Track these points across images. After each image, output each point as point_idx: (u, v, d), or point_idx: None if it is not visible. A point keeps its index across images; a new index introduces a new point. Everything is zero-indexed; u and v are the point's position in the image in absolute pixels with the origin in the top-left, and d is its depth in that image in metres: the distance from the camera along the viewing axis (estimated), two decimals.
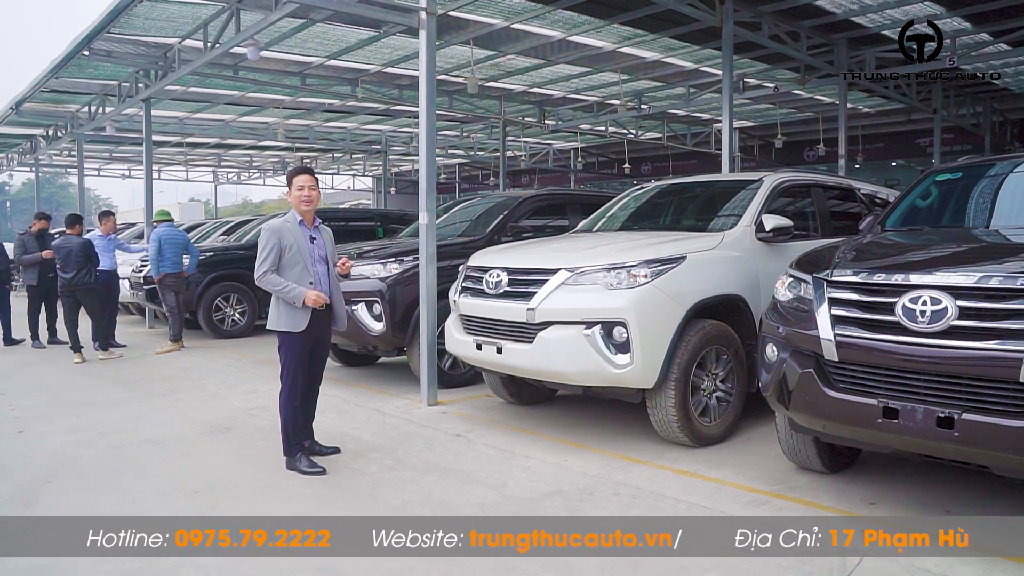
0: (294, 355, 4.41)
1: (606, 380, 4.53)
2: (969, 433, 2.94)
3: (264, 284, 4.32)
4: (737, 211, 5.42)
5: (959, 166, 4.93)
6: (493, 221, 7.12)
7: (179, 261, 9.15)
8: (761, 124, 19.17)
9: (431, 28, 5.99)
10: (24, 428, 5.57)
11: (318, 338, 4.52)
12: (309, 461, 4.44)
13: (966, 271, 3.15)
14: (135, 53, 10.60)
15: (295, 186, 4.41)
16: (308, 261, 4.36)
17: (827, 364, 3.41)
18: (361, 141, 21.87)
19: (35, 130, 17.84)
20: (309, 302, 4.29)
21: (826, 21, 10.15)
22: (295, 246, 4.34)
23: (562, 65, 12.52)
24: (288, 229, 4.36)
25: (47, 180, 42.52)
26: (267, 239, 4.31)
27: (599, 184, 25.96)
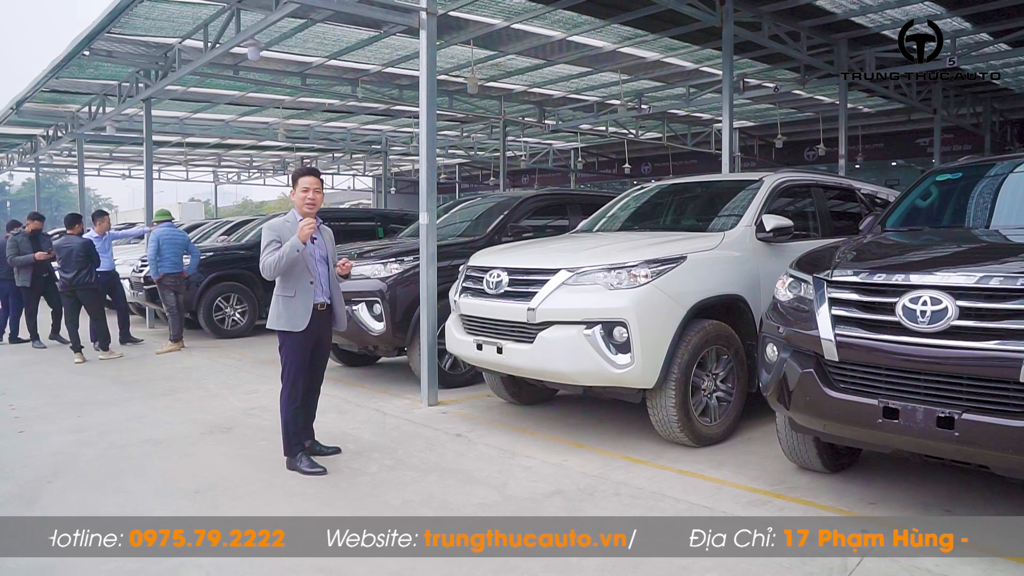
0: (295, 356, 4.41)
1: (606, 380, 4.53)
2: (969, 433, 2.94)
3: (267, 268, 4.27)
4: (737, 211, 5.43)
5: (959, 166, 4.93)
6: (493, 221, 7.12)
7: (178, 261, 9.15)
8: (761, 124, 19.17)
9: (431, 28, 5.99)
10: (25, 428, 5.57)
11: (318, 338, 4.52)
12: (310, 461, 4.44)
13: (966, 271, 3.15)
14: (135, 53, 10.60)
15: (300, 187, 4.39)
16: (309, 261, 4.36)
17: (827, 364, 3.42)
18: (361, 141, 21.88)
19: (35, 130, 17.84)
20: (303, 236, 4.20)
21: (826, 21, 10.15)
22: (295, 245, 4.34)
23: (562, 65, 12.53)
24: (288, 228, 4.35)
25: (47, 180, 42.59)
26: (268, 237, 4.32)
27: (599, 184, 25.95)
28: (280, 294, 4.38)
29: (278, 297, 4.38)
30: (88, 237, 9.53)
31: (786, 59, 11.43)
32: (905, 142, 19.07)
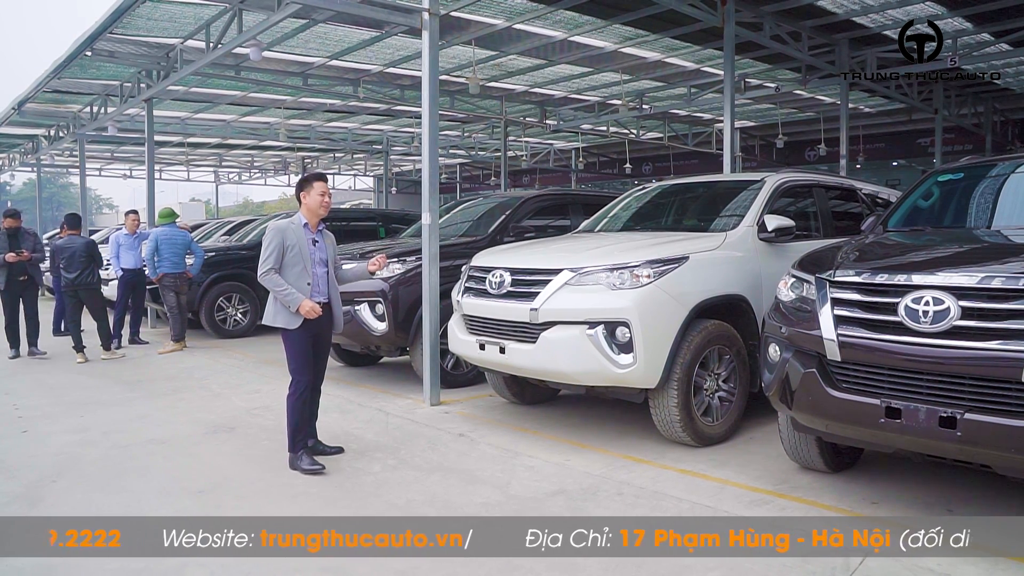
0: (297, 350, 4.50)
1: (609, 380, 4.54)
2: (972, 433, 2.95)
3: (266, 282, 4.41)
4: (739, 211, 5.43)
5: (961, 166, 4.93)
6: (495, 221, 7.13)
7: (179, 261, 9.15)
8: (762, 124, 19.16)
9: (433, 29, 6.00)
10: (28, 428, 5.58)
11: (317, 335, 4.58)
12: (310, 459, 4.48)
13: (968, 271, 3.16)
14: (137, 53, 10.61)
15: (316, 191, 4.53)
16: (308, 263, 4.46)
17: (830, 364, 3.42)
18: (363, 141, 21.88)
19: (37, 130, 17.85)
20: (303, 311, 4.37)
21: (827, 21, 10.15)
22: (297, 247, 4.44)
23: (563, 65, 12.53)
24: (292, 230, 4.47)
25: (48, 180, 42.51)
26: (271, 238, 4.42)
27: (600, 184, 25.95)
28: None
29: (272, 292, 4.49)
30: (119, 235, 9.71)
31: (787, 59, 11.43)
32: (906, 142, 19.07)
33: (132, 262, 9.64)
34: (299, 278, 4.43)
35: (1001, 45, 10.83)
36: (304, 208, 4.56)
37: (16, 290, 8.68)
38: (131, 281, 9.71)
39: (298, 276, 4.43)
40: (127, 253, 9.65)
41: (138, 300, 9.91)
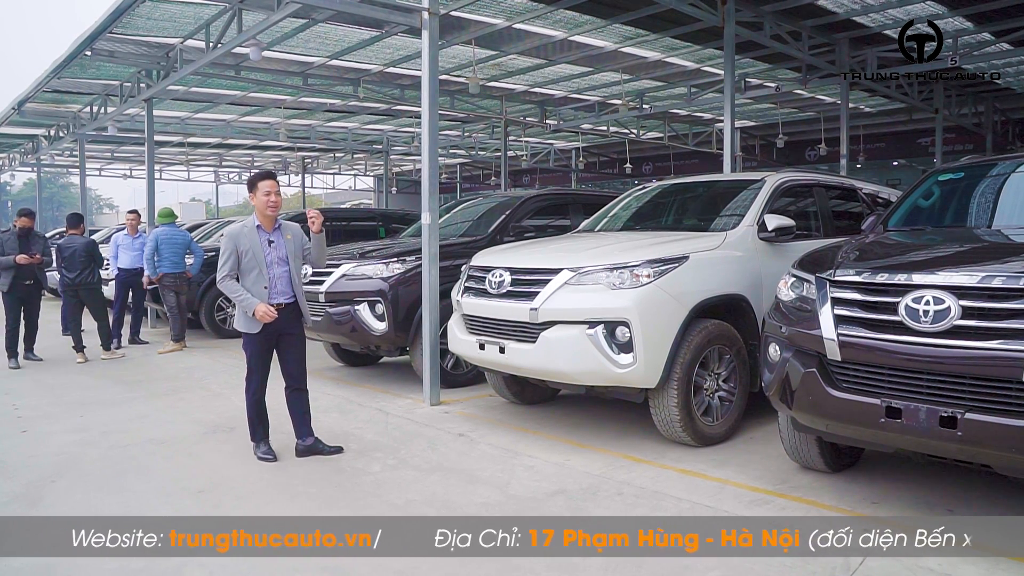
0: (252, 353, 4.62)
1: (609, 380, 4.54)
2: (972, 433, 2.94)
3: (223, 289, 4.54)
4: (739, 211, 5.43)
5: (961, 166, 4.92)
6: (495, 221, 7.12)
7: (179, 261, 9.15)
8: (763, 124, 19.16)
9: (433, 28, 5.99)
10: (28, 428, 5.57)
11: (281, 334, 4.64)
12: (264, 449, 4.68)
13: (969, 271, 3.15)
14: (137, 53, 10.60)
15: (261, 191, 4.51)
16: (263, 266, 4.50)
17: (830, 364, 3.42)
18: (363, 141, 21.89)
19: (37, 130, 17.86)
20: (258, 315, 4.44)
21: (828, 21, 10.15)
22: (251, 252, 4.49)
23: (564, 65, 12.53)
24: (245, 235, 4.50)
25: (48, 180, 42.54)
26: (224, 245, 4.50)
27: (600, 184, 25.96)
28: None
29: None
30: (120, 236, 9.70)
31: (787, 59, 11.43)
32: (906, 142, 19.06)
33: (129, 262, 9.64)
34: (256, 283, 4.50)
35: (1001, 45, 10.83)
36: (255, 209, 4.58)
37: (20, 294, 8.33)
38: (128, 281, 9.70)
39: (255, 281, 4.50)
40: (125, 253, 9.66)
41: (137, 300, 9.90)
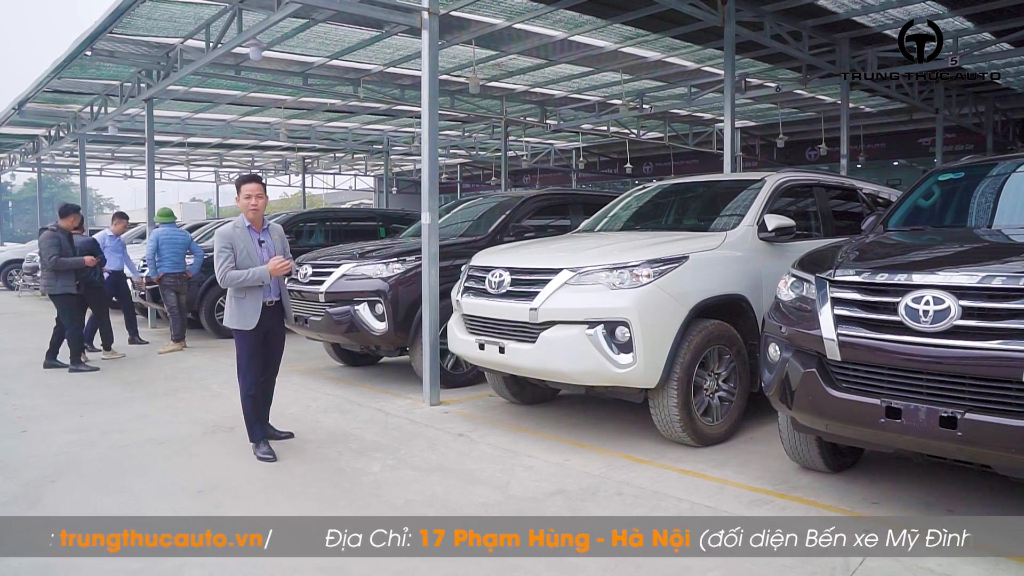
0: (245, 349, 4.72)
1: (609, 380, 4.53)
2: (972, 433, 2.94)
3: (227, 281, 4.59)
4: (739, 211, 5.42)
5: (961, 166, 4.92)
6: (495, 221, 7.12)
7: (179, 261, 9.15)
8: (763, 124, 19.16)
9: (433, 28, 5.99)
10: (28, 427, 5.57)
11: (267, 332, 4.79)
12: (264, 449, 4.71)
13: (969, 271, 3.15)
14: (137, 53, 10.61)
15: (243, 194, 4.68)
16: (257, 264, 4.65)
17: (830, 364, 3.41)
18: (363, 141, 21.88)
19: (37, 130, 17.86)
20: (274, 270, 4.58)
21: (828, 21, 10.14)
22: (245, 250, 4.63)
23: (564, 65, 12.52)
24: (238, 234, 4.65)
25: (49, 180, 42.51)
26: (220, 244, 4.60)
27: (601, 184, 25.94)
28: (233, 295, 4.70)
29: (231, 298, 4.71)
30: (102, 235, 9.58)
31: (788, 59, 11.42)
32: (907, 142, 19.05)
33: (115, 264, 9.47)
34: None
35: (1002, 45, 10.82)
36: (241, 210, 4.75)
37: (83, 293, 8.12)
38: (113, 283, 9.50)
39: None
40: (111, 255, 9.44)
41: (124, 301, 9.79)
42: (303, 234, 11.16)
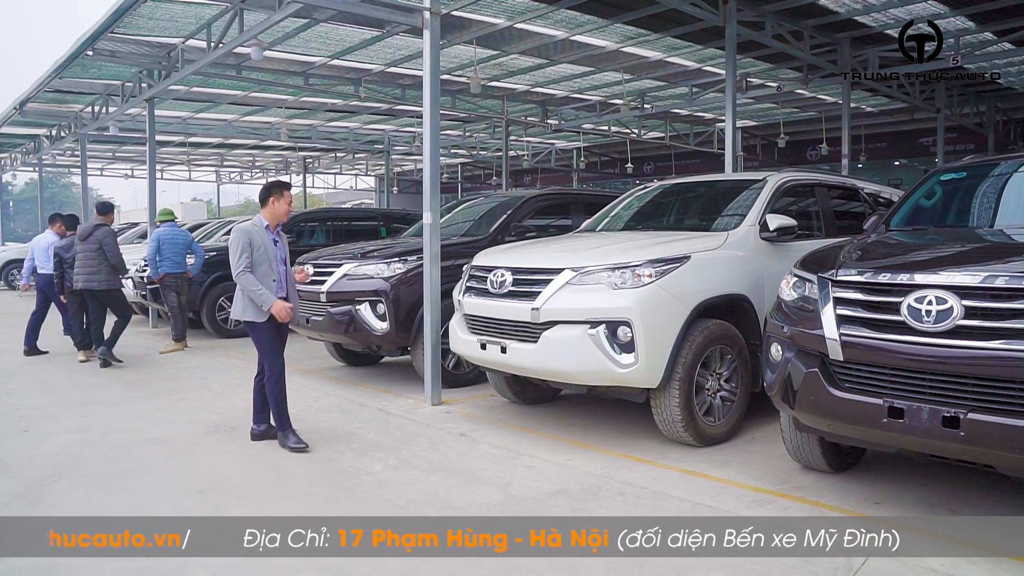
0: (269, 339, 4.90)
1: (611, 380, 4.53)
2: (975, 433, 2.93)
3: (241, 282, 4.78)
4: (741, 211, 5.42)
5: (963, 166, 4.92)
6: (497, 221, 7.11)
7: (180, 261, 9.15)
8: (764, 123, 19.15)
9: (435, 28, 5.99)
10: (29, 427, 5.57)
11: (279, 325, 4.96)
12: (296, 437, 4.86)
13: (971, 271, 3.14)
14: (139, 53, 10.61)
15: (285, 200, 5.00)
16: (273, 261, 4.90)
17: (832, 364, 3.41)
18: (364, 141, 21.88)
19: (38, 130, 17.87)
20: (275, 311, 4.77)
21: (829, 20, 10.13)
22: (262, 247, 4.85)
23: (565, 65, 12.52)
24: (256, 232, 4.87)
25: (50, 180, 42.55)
26: (239, 239, 4.79)
27: (602, 184, 25.93)
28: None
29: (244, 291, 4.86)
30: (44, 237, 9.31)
31: (789, 58, 11.42)
32: (908, 141, 19.04)
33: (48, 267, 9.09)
34: (266, 275, 4.84)
35: (1003, 44, 10.80)
36: (268, 212, 4.96)
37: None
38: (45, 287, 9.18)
39: (264, 273, 4.84)
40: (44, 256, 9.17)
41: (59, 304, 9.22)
42: (304, 234, 11.17)
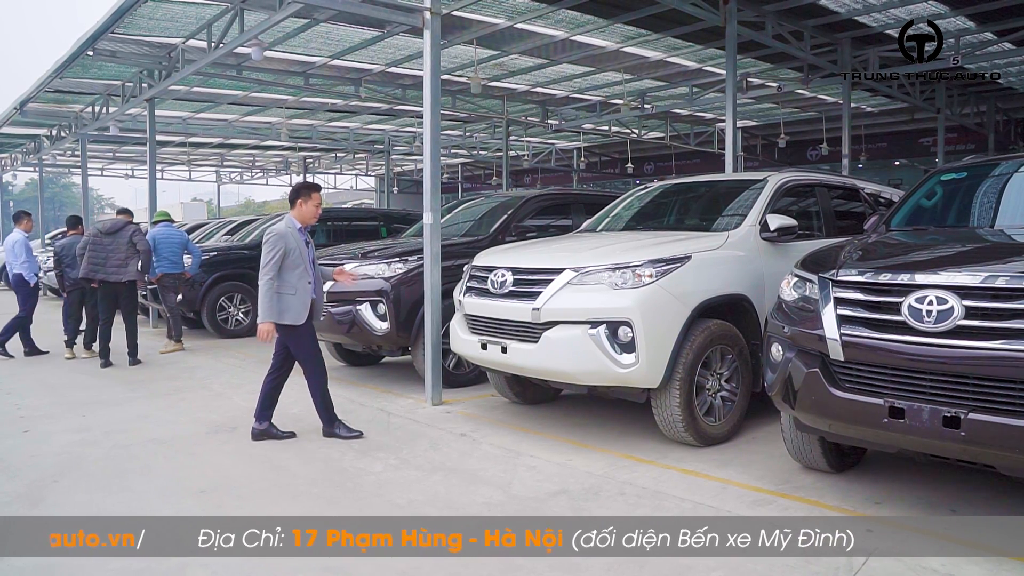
0: (309, 343, 5.05)
1: (611, 380, 4.53)
2: (975, 433, 2.93)
3: (263, 284, 4.80)
4: (741, 211, 5.42)
5: (964, 166, 4.92)
6: (497, 221, 7.12)
7: (178, 261, 9.15)
8: (764, 123, 19.15)
9: (435, 28, 5.99)
10: (30, 427, 5.58)
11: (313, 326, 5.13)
12: (347, 428, 5.08)
13: (972, 271, 3.14)
14: (139, 53, 10.62)
15: (313, 202, 5.05)
16: (307, 263, 4.94)
17: (833, 364, 3.41)
18: (364, 141, 21.89)
19: (39, 130, 17.87)
20: (261, 332, 4.84)
21: (830, 20, 10.14)
22: (297, 250, 4.89)
23: (565, 65, 12.53)
24: (291, 235, 4.90)
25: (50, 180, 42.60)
26: (275, 243, 4.82)
27: (602, 184, 25.94)
28: (282, 292, 4.87)
29: (280, 295, 4.86)
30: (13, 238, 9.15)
31: (789, 59, 11.42)
32: (908, 141, 19.05)
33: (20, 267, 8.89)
34: (301, 278, 4.89)
35: (1004, 44, 10.81)
36: (297, 212, 5.01)
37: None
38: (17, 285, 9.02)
39: (300, 276, 4.89)
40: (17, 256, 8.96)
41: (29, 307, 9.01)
42: None
